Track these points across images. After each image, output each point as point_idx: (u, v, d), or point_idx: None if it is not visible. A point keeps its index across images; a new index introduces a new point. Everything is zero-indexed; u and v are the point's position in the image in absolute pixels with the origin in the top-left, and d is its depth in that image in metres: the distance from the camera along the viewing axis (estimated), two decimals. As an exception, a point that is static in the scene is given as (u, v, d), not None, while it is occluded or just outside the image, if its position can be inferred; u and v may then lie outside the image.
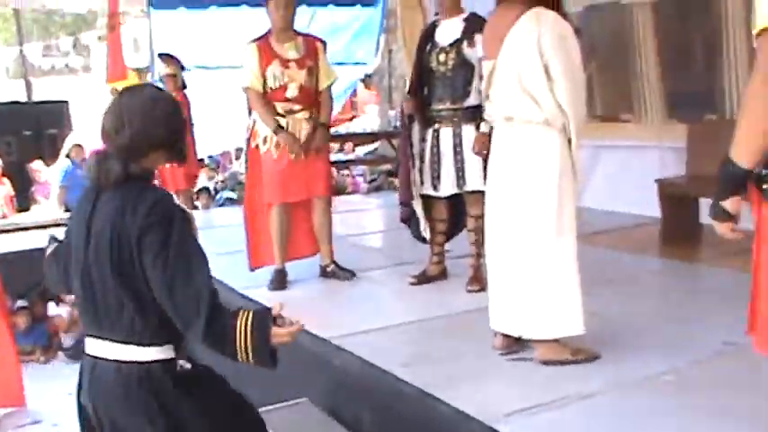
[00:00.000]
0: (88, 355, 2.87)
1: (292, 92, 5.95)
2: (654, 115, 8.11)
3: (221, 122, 10.59)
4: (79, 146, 12.47)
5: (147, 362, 2.77)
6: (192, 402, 2.84)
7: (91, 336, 2.85)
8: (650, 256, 6.67)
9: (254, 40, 6.06)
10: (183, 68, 9.14)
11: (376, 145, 14.94)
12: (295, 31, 6.12)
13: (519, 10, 4.06)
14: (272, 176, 6.02)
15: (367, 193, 12.46)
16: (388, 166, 13.19)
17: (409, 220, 6.04)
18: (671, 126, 7.84)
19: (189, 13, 10.28)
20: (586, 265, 4.14)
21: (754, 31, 2.21)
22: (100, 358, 2.81)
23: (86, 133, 13.47)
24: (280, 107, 5.96)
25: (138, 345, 2.76)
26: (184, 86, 9.03)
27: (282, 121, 5.96)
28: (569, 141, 4.06)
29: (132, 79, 15.32)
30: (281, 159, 5.98)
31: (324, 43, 6.24)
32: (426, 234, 6.02)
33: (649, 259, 6.61)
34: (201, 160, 12.45)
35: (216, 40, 10.47)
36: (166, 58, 9.03)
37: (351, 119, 18.13)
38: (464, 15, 5.74)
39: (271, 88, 5.95)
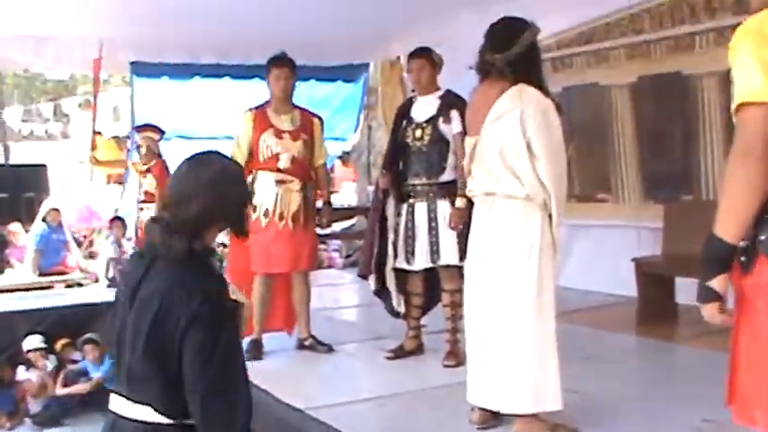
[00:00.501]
0: (111, 411, 2.74)
1: (285, 163, 5.98)
2: (631, 195, 8.20)
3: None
4: (56, 210, 12.43)
5: (170, 424, 2.63)
6: None
7: (116, 393, 2.72)
8: (627, 334, 6.66)
9: (252, 109, 6.12)
10: (162, 134, 9.23)
11: (353, 221, 14.96)
12: (294, 104, 6.18)
13: (502, 86, 4.12)
14: (258, 246, 6.01)
15: (343, 268, 12.45)
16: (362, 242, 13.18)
17: (382, 294, 6.04)
18: (648, 206, 7.91)
19: (172, 82, 10.33)
20: (564, 342, 4.14)
21: (733, 106, 2.25)
22: (121, 416, 2.68)
23: (63, 197, 13.47)
24: (272, 177, 5.98)
25: (163, 415, 2.62)
26: (160, 155, 9.09)
27: (274, 191, 5.97)
28: (550, 217, 4.10)
29: (111, 148, 15.38)
30: (269, 229, 5.98)
31: (321, 120, 6.30)
32: (400, 309, 6.01)
33: (626, 337, 6.60)
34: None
35: (198, 111, 10.53)
36: (142, 128, 9.14)
37: (328, 194, 18.17)
38: (440, 92, 5.82)
39: (264, 157, 5.98)
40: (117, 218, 11.26)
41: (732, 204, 2.26)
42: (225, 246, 11.97)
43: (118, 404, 2.71)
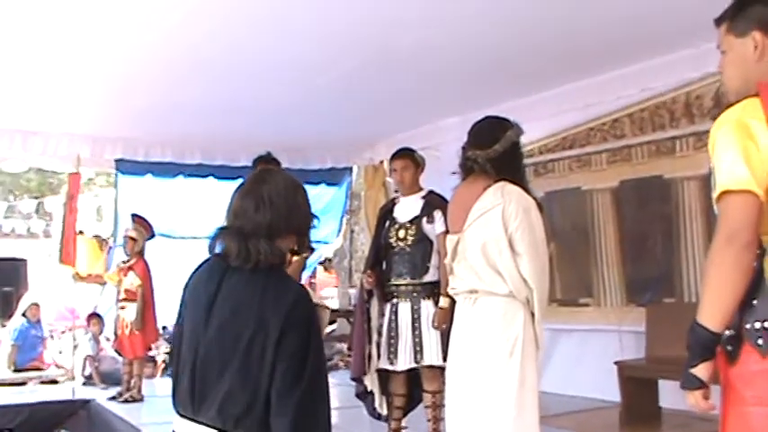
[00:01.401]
0: None
1: None
2: (613, 299, 8.19)
3: (180, 294, 10.49)
4: (36, 305, 12.34)
5: None
6: None
7: (184, 417, 2.58)
8: (611, 438, 6.60)
9: None
10: (152, 236, 9.18)
11: (334, 327, 14.85)
12: None
13: (484, 184, 4.15)
14: None
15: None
16: (343, 346, 13.09)
17: (365, 395, 5.97)
18: (630, 310, 7.91)
19: (156, 180, 10.36)
20: (547, 447, 4.08)
21: (714, 196, 2.27)
22: None
23: (43, 294, 13.35)
24: None
25: None
26: (143, 253, 9.05)
27: None
28: (532, 315, 4.08)
29: (94, 250, 15.26)
30: None
31: None
32: (382, 410, 5.94)
33: (610, 442, 6.53)
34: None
35: (181, 210, 10.55)
36: (139, 219, 9.09)
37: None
38: (423, 193, 5.88)
39: None
40: (95, 314, 11.15)
41: (716, 292, 2.26)
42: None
43: (186, 428, 2.58)
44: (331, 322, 14.42)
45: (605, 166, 8.22)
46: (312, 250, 2.97)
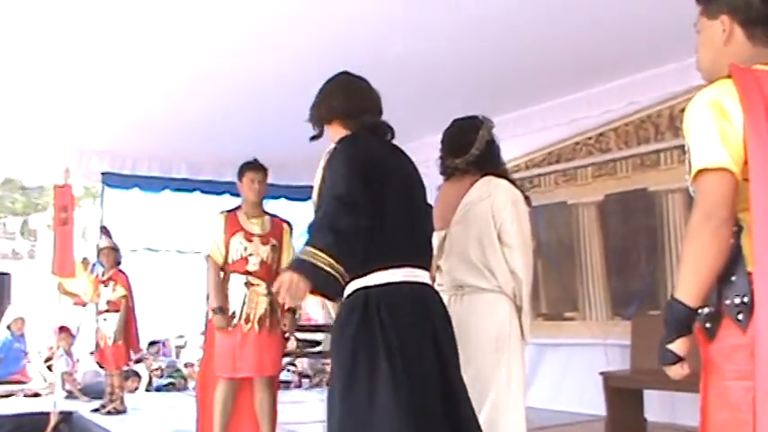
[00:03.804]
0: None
1: (253, 266, 6.00)
2: (598, 313, 8.22)
3: (165, 308, 10.51)
4: (21, 319, 12.28)
5: None
6: None
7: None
8: (596, 450, 6.60)
9: (224, 212, 6.18)
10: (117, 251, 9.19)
11: (320, 348, 14.79)
12: (264, 210, 6.24)
13: (471, 179, 4.18)
14: (224, 349, 5.95)
15: (309, 389, 12.31)
16: (328, 365, 13.05)
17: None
18: (615, 323, 7.93)
19: (142, 194, 10.37)
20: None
21: (691, 175, 2.30)
22: None
23: (26, 307, 13.25)
24: (240, 279, 5.98)
25: None
26: (119, 263, 9.05)
27: (242, 293, 5.95)
28: (517, 308, 4.09)
29: (79, 271, 15.17)
30: (235, 332, 5.92)
31: (291, 226, 6.34)
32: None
33: (595, 454, 6.53)
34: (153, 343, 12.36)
35: (166, 224, 10.56)
36: (106, 231, 9.09)
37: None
38: None
39: (233, 259, 6.00)
40: (63, 327, 11.07)
41: (693, 268, 2.28)
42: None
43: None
44: (317, 343, 14.40)
45: (590, 180, 8.28)
46: None
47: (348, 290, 3.33)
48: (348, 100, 3.67)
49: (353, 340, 3.24)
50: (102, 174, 10.08)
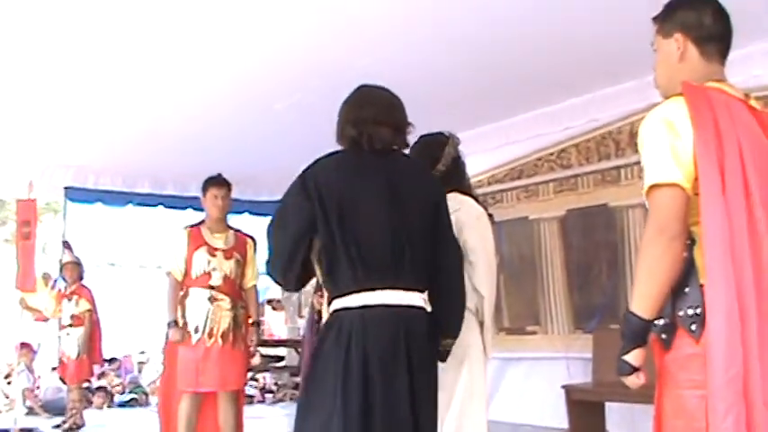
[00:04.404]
0: None
1: (216, 280, 6.00)
2: (560, 327, 8.28)
3: (127, 323, 10.46)
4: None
5: None
6: None
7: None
8: (558, 463, 6.64)
9: (188, 226, 6.18)
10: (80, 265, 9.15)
11: (283, 363, 14.78)
12: (228, 225, 6.25)
13: (437, 195, 4.22)
14: (187, 363, 5.94)
15: (272, 404, 12.30)
16: (294, 380, 13.05)
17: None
18: (577, 337, 8.00)
19: (106, 208, 10.32)
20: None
21: (644, 191, 2.37)
22: None
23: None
24: (204, 294, 5.97)
25: None
26: (81, 277, 9.01)
27: (205, 307, 5.94)
28: (480, 324, 4.13)
29: (40, 286, 15.03)
30: (198, 347, 5.91)
31: (254, 241, 6.34)
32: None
33: (557, 466, 6.57)
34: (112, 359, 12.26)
35: (130, 239, 10.51)
36: (69, 246, 9.05)
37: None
38: None
39: (196, 274, 5.99)
40: (24, 344, 10.98)
41: (646, 281, 2.34)
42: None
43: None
44: (280, 358, 14.39)
45: (552, 196, 8.36)
46: None
47: (331, 308, 3.33)
48: (340, 118, 3.61)
49: (323, 359, 3.26)
50: (65, 188, 10.02)
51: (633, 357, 2.38)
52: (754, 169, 2.27)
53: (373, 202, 3.33)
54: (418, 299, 3.35)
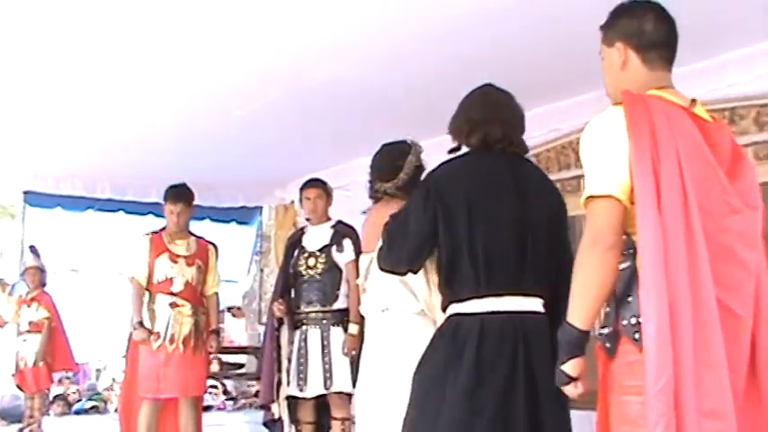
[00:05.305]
0: None
1: (178, 286, 6.02)
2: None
3: (87, 329, 10.37)
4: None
5: None
6: None
7: None
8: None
9: (149, 233, 6.19)
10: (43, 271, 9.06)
11: (243, 370, 14.71)
12: (190, 231, 6.25)
13: (398, 203, 4.23)
14: (148, 369, 5.93)
15: (233, 411, 12.27)
16: (251, 388, 13.01)
17: (273, 423, 5.97)
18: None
19: (65, 213, 10.22)
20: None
21: (582, 201, 2.40)
22: None
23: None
24: (165, 300, 5.96)
25: None
26: (44, 284, 8.92)
27: (167, 313, 5.93)
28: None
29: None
30: (159, 353, 5.91)
31: (216, 247, 6.36)
32: (291, 438, 5.95)
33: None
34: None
35: (90, 245, 10.42)
36: (35, 250, 8.96)
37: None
38: (332, 222, 6.00)
39: (158, 280, 5.99)
40: None
41: (582, 293, 2.38)
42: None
43: None
44: (240, 365, 14.33)
45: (513, 205, 8.38)
46: None
47: (447, 313, 3.34)
48: (458, 117, 3.66)
49: (438, 365, 3.27)
50: (24, 192, 9.92)
51: (570, 367, 2.42)
52: (693, 178, 2.28)
53: (502, 204, 3.31)
54: (539, 305, 3.32)
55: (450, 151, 3.64)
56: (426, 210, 3.25)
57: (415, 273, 3.55)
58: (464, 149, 3.57)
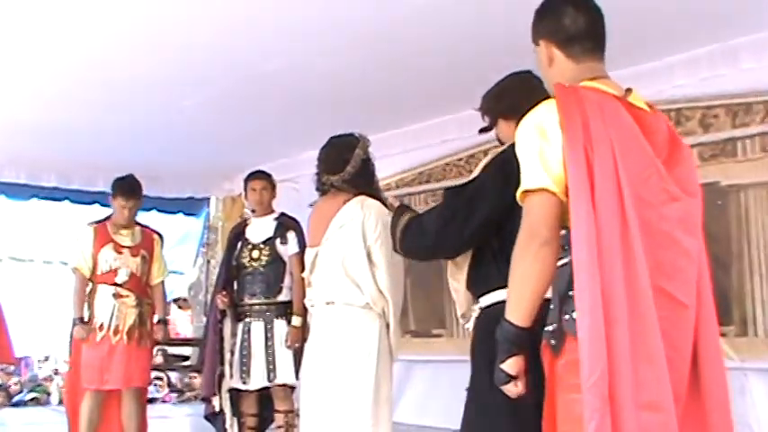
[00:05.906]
0: None
1: (122, 277, 5.96)
2: (465, 330, 8.28)
3: (30, 320, 10.24)
4: None
5: None
6: None
7: None
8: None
9: (93, 223, 6.11)
10: None
11: (188, 362, 14.61)
12: (135, 221, 6.19)
13: (344, 197, 4.28)
14: (91, 361, 5.88)
15: (177, 404, 12.20)
16: (198, 379, 12.92)
17: (215, 416, 5.94)
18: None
19: (8, 202, 10.08)
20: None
21: (518, 195, 2.36)
22: None
23: None
24: (109, 291, 5.90)
25: None
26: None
27: (111, 304, 5.87)
28: (387, 326, 4.18)
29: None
30: (102, 344, 5.86)
31: (161, 237, 6.31)
32: (233, 431, 5.92)
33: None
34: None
35: (34, 233, 10.29)
36: None
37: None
38: (275, 215, 5.98)
39: (102, 271, 5.93)
40: None
41: (519, 288, 2.34)
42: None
43: None
44: (186, 358, 14.24)
45: (459, 201, 8.40)
46: None
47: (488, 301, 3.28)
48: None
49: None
50: (-36, 180, 9.77)
51: (510, 366, 2.37)
52: (629, 169, 2.27)
53: None
54: None
55: (482, 130, 3.72)
56: (504, 197, 2.87)
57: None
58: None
